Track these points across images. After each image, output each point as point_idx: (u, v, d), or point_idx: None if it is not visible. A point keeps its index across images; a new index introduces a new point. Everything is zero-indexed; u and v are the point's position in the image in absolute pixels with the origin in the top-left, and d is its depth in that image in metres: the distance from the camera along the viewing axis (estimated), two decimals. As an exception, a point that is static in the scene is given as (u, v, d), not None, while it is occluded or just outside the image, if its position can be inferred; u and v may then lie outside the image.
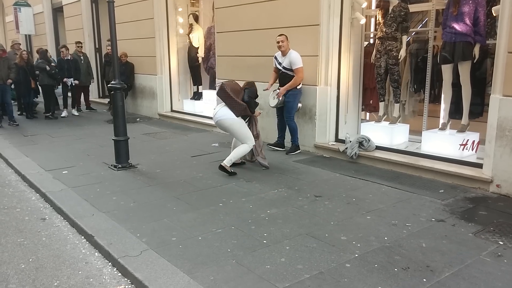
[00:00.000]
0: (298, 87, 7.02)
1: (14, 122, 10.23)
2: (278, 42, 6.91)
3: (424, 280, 3.21)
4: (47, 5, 16.92)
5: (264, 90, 7.12)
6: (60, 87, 11.91)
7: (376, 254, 3.63)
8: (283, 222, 4.32)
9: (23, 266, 3.70)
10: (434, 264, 3.45)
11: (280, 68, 7.03)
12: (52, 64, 11.31)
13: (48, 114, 11.25)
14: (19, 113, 11.82)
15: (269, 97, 7.23)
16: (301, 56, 7.03)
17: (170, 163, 6.71)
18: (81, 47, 12.45)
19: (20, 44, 13.31)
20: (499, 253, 3.63)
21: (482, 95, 6.42)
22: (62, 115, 11.57)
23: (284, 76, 7.02)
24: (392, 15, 6.54)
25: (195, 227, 4.21)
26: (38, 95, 11.92)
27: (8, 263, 3.74)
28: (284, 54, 6.96)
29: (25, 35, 18.55)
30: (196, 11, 10.77)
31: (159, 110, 11.30)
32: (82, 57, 12.18)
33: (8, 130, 9.74)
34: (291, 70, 6.93)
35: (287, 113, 7.08)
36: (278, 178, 5.87)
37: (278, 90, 7.04)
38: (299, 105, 7.16)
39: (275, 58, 7.12)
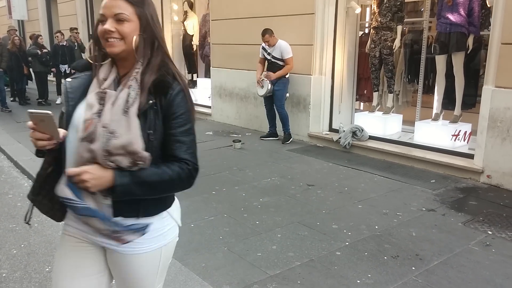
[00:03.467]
0: (286, 76, 7.03)
1: (7, 109, 10.16)
2: (265, 42, 6.93)
3: (413, 268, 3.25)
4: (40, -10, 16.74)
5: (258, 83, 7.16)
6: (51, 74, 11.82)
7: (367, 243, 3.66)
8: (275, 210, 4.35)
9: (14, 251, 3.70)
10: (423, 252, 3.49)
11: (269, 58, 7.02)
12: (44, 50, 11.18)
13: (41, 100, 11.18)
14: (12, 99, 11.73)
15: (257, 87, 7.22)
16: (295, 45, 7.03)
17: (164, 151, 6.69)
18: (78, 33, 12.32)
19: (16, 30, 13.15)
20: (488, 243, 3.68)
21: (475, 86, 6.45)
22: (57, 102, 11.49)
23: (273, 65, 7.01)
24: (387, 5, 6.53)
25: (188, 215, 4.22)
26: (31, 81, 11.83)
27: None
28: (272, 45, 6.94)
29: (18, 20, 18.34)
30: (191, -2, 10.70)
31: (153, 98, 11.23)
32: (76, 44, 12.06)
33: (0, 116, 9.67)
34: (280, 60, 6.92)
35: (278, 101, 7.07)
36: (271, 166, 5.89)
37: (265, 79, 7.02)
38: (287, 94, 7.16)
39: (263, 48, 7.10)
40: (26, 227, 4.17)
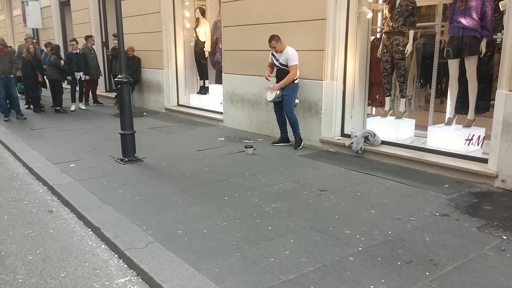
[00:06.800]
0: (295, 81, 7.03)
1: (22, 116, 10.30)
2: (272, 48, 6.99)
3: (427, 273, 3.23)
4: (54, -1, 16.99)
5: (267, 79, 7.23)
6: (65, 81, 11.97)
7: (380, 248, 3.65)
8: (288, 216, 4.35)
9: (30, 257, 3.76)
10: (437, 258, 3.47)
11: (277, 64, 7.05)
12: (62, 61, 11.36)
13: (58, 108, 11.32)
14: (26, 106, 11.90)
15: (266, 92, 7.25)
16: (307, 50, 7.05)
17: (176, 157, 6.75)
18: (94, 40, 12.51)
19: (34, 38, 13.35)
20: (503, 248, 3.65)
21: (488, 90, 6.39)
22: (71, 109, 11.63)
23: (281, 71, 7.03)
24: (399, 10, 6.52)
25: (201, 220, 4.25)
26: (45, 88, 11.98)
27: (16, 255, 3.80)
28: (280, 51, 6.97)
29: (33, 29, 18.63)
30: (202, 5, 10.76)
31: (166, 104, 11.34)
32: (92, 51, 12.23)
33: (15, 123, 9.82)
34: (287, 66, 6.94)
35: (287, 106, 7.08)
36: (283, 172, 5.89)
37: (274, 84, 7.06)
38: (297, 100, 7.16)
39: (272, 54, 7.14)
40: (42, 233, 4.23)
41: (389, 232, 3.97)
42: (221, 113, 9.50)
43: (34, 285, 3.31)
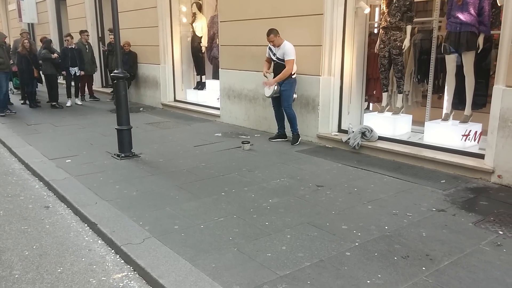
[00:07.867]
0: (293, 76, 7.00)
1: (11, 111, 10.24)
2: (269, 42, 6.96)
3: (424, 268, 3.24)
4: (50, -7, 16.88)
5: (265, 77, 7.20)
6: (61, 76, 11.92)
7: (376, 243, 3.65)
8: (285, 211, 4.35)
9: (27, 253, 3.74)
10: (433, 253, 3.48)
11: (274, 59, 7.03)
12: (55, 54, 11.28)
13: (54, 103, 11.27)
14: (22, 102, 11.85)
15: (264, 88, 7.24)
16: (304, 45, 7.03)
17: (173, 153, 6.73)
18: (88, 35, 12.46)
19: (29, 33, 13.29)
20: (499, 243, 3.66)
21: (485, 86, 6.40)
22: (67, 105, 11.58)
23: (278, 66, 7.01)
24: (396, 5, 6.51)
25: (197, 216, 4.25)
26: (41, 84, 11.93)
27: (12, 250, 3.79)
28: (278, 46, 6.95)
29: (28, 23, 18.52)
30: (199, 0, 10.73)
31: (162, 99, 11.31)
32: (87, 46, 12.18)
33: (11, 119, 9.77)
34: (284, 60, 6.92)
35: (285, 102, 7.07)
36: (280, 167, 5.89)
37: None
38: (295, 95, 7.15)
39: (269, 48, 7.12)
40: (38, 229, 4.22)
41: (386, 227, 3.97)
42: (218, 108, 9.48)
43: (30, 281, 3.30)
